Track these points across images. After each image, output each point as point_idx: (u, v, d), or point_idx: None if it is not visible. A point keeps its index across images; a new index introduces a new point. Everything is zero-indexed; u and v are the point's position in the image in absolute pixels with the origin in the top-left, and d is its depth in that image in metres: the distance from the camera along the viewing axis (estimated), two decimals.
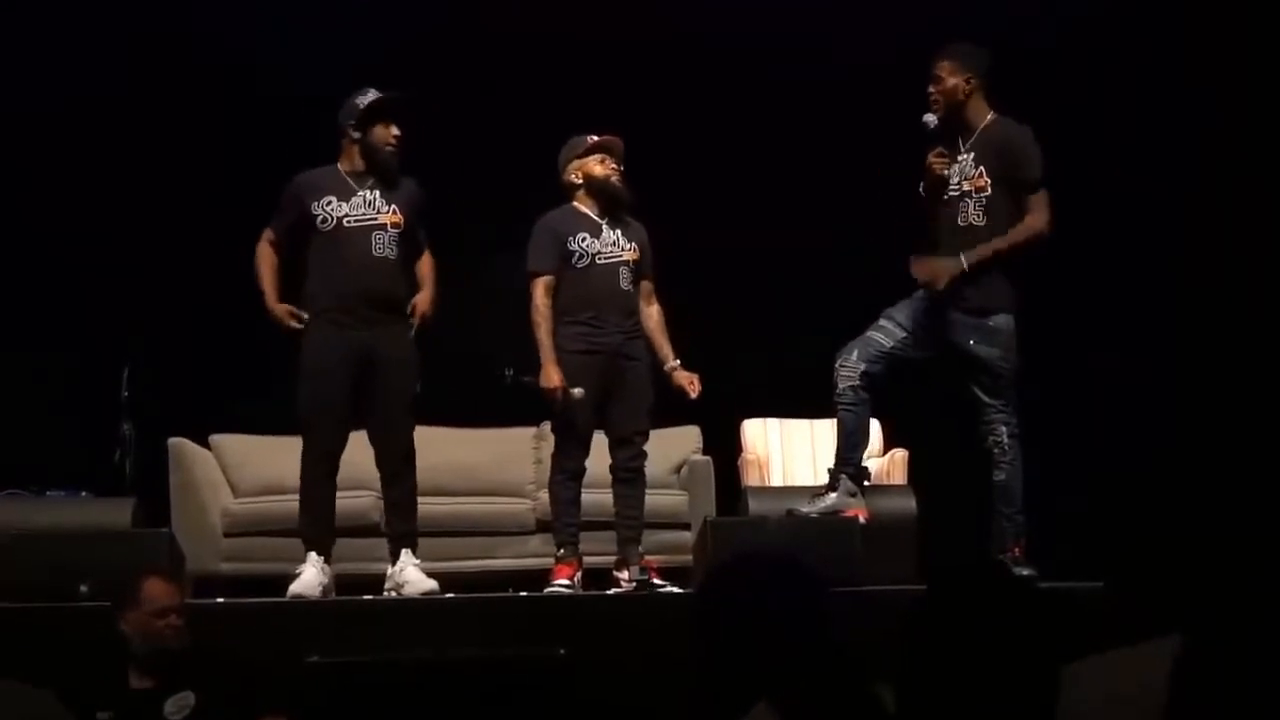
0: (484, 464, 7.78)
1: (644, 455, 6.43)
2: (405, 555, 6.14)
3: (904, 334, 6.00)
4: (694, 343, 6.68)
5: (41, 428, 7.61)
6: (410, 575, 6.08)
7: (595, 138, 6.43)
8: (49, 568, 5.59)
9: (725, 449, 7.72)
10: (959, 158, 5.94)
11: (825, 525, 5.95)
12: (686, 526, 7.35)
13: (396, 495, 6.25)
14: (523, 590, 6.58)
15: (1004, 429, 5.92)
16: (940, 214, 5.97)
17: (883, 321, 6.03)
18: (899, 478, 7.23)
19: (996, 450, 5.92)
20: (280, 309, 6.19)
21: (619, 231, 6.41)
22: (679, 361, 6.49)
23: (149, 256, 8.00)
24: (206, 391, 7.87)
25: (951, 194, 5.94)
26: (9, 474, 6.54)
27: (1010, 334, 5.92)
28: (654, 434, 6.53)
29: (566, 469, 6.37)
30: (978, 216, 5.88)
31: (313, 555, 6.07)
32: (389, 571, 6.18)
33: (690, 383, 6.45)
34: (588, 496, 6.43)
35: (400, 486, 6.23)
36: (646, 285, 6.51)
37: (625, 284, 6.38)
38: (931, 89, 5.96)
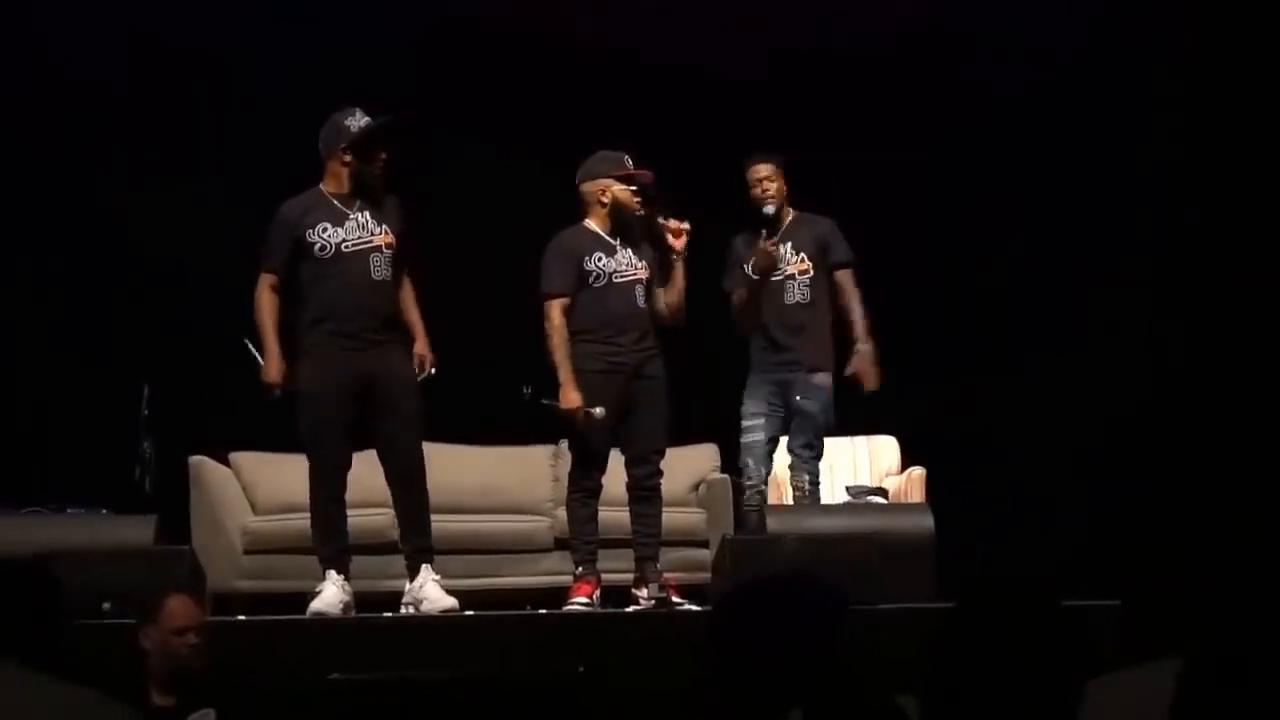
0: (502, 482, 7.79)
1: (661, 473, 6.44)
2: (425, 571, 6.10)
3: (765, 419, 6.70)
4: (709, 360, 6.67)
5: (62, 445, 7.63)
6: (430, 591, 6.04)
7: (631, 163, 6.41)
8: (69, 585, 5.59)
9: None
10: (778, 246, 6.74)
11: (844, 543, 5.97)
12: (705, 544, 7.35)
13: (408, 510, 6.18)
14: (541, 608, 6.59)
15: (808, 476, 6.67)
16: (765, 293, 6.71)
17: (747, 423, 6.71)
18: (916, 495, 7.23)
19: (798, 494, 6.68)
20: (283, 375, 6.09)
21: (630, 251, 6.42)
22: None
23: (169, 273, 8.02)
24: (227, 409, 7.88)
25: (776, 276, 6.73)
26: (30, 491, 6.56)
27: (830, 389, 6.68)
28: (672, 452, 6.55)
29: (584, 487, 6.39)
30: (803, 295, 6.73)
31: (332, 573, 6.05)
32: (407, 587, 6.15)
33: (677, 228, 6.36)
34: (605, 514, 6.45)
35: (411, 501, 6.17)
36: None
37: (641, 302, 6.41)
38: (768, 188, 6.75)
